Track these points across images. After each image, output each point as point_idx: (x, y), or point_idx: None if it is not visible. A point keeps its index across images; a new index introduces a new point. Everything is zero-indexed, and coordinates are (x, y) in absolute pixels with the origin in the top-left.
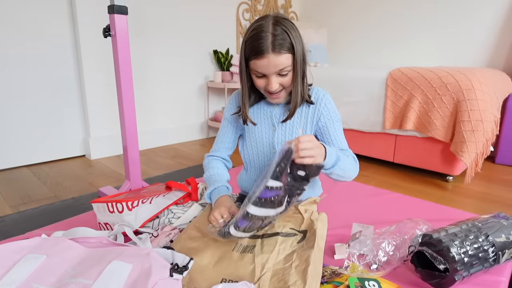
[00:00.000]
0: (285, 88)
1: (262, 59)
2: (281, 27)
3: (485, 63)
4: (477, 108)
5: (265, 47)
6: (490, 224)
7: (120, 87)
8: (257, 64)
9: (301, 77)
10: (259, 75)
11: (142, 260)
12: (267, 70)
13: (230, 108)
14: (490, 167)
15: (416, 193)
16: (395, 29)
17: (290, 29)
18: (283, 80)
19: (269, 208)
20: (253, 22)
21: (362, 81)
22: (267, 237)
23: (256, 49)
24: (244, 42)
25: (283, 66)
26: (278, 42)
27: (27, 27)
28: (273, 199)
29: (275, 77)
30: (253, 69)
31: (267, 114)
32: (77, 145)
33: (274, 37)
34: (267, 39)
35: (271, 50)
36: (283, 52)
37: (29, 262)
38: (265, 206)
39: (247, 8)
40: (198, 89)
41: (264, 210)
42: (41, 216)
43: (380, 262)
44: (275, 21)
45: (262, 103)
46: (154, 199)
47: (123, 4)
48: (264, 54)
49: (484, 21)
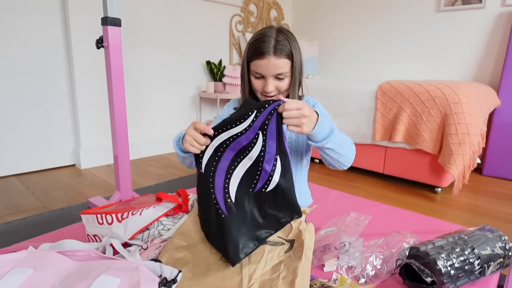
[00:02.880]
0: (280, 92)
1: (263, 59)
2: (284, 35)
3: (471, 77)
4: (464, 121)
5: (267, 49)
6: (476, 237)
7: (112, 97)
8: (257, 64)
9: (297, 85)
10: (257, 75)
11: (131, 274)
12: (266, 71)
13: (227, 110)
14: (477, 179)
15: (405, 204)
16: (385, 42)
17: (291, 39)
18: (280, 84)
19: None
20: (258, 31)
21: (353, 93)
22: None
23: (258, 50)
24: (248, 45)
25: (282, 70)
26: (280, 47)
27: (19, 36)
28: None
29: (272, 79)
30: (253, 69)
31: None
32: (67, 154)
33: (277, 41)
34: (269, 42)
35: (272, 52)
36: (282, 57)
37: (15, 276)
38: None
39: (240, 20)
40: (191, 99)
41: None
42: (29, 227)
43: (368, 276)
44: (279, 30)
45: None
46: (144, 210)
47: (117, 16)
48: (265, 54)
49: (470, 37)
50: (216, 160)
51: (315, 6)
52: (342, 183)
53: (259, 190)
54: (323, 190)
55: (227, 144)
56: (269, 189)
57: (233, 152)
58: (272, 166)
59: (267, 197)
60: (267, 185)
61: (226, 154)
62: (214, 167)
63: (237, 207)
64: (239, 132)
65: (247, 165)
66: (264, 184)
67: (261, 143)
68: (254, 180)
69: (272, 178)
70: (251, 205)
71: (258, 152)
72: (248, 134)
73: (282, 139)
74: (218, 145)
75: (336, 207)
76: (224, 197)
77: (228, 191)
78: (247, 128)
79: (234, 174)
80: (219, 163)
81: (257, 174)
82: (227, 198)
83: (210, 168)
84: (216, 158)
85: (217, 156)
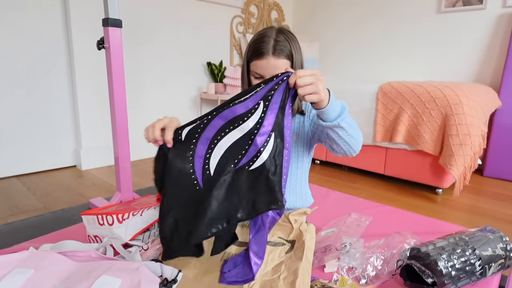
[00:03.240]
0: None
1: (262, 59)
2: (284, 36)
3: (472, 78)
4: (465, 122)
5: (266, 49)
6: (477, 238)
7: (113, 98)
8: (256, 64)
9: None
10: (257, 76)
11: (132, 275)
12: (265, 71)
13: None
14: (478, 180)
15: (406, 205)
16: (386, 43)
17: (291, 39)
18: None
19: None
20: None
21: (353, 94)
22: None
23: (257, 50)
24: (248, 46)
25: (281, 70)
26: (279, 47)
27: (21, 38)
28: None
29: None
30: (253, 70)
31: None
32: (68, 156)
33: (276, 42)
34: (269, 43)
35: (272, 53)
36: (282, 57)
37: (16, 277)
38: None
39: (240, 21)
40: (192, 101)
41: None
42: (30, 228)
43: (369, 276)
44: (279, 30)
45: None
46: (145, 211)
47: (118, 17)
48: (264, 55)
49: (471, 38)
50: (202, 128)
51: (316, 8)
52: (343, 184)
53: (242, 167)
54: (324, 191)
55: (218, 111)
56: (253, 167)
57: (223, 122)
58: (264, 141)
59: (249, 177)
60: (252, 162)
61: (214, 121)
62: (198, 135)
63: (214, 181)
64: (237, 101)
65: (235, 137)
66: (250, 161)
67: (259, 114)
68: (239, 154)
69: (260, 154)
70: (229, 183)
71: (253, 124)
72: (247, 103)
73: (283, 115)
74: (207, 113)
75: (337, 208)
76: (203, 169)
77: (208, 162)
78: (247, 97)
79: (218, 145)
80: (204, 131)
81: (245, 149)
82: (205, 170)
83: (194, 135)
84: (201, 126)
85: (203, 123)
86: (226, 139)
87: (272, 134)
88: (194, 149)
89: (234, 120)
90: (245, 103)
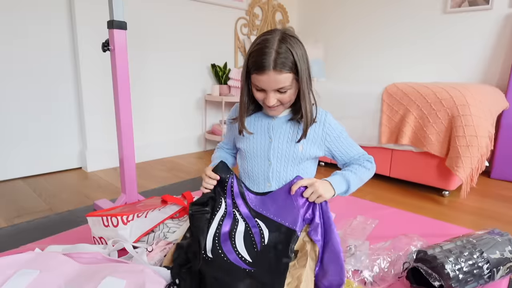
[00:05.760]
0: (283, 104)
1: (263, 75)
2: (286, 45)
3: (479, 79)
4: (472, 123)
5: (267, 64)
6: (485, 241)
7: (118, 100)
8: (257, 78)
9: (308, 95)
10: (258, 88)
11: (136, 276)
12: (266, 86)
13: (231, 115)
14: (485, 182)
15: (412, 207)
16: (391, 44)
17: (295, 47)
18: (282, 96)
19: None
20: (261, 34)
21: (359, 95)
22: None
23: (258, 64)
24: (248, 54)
25: (283, 85)
26: (281, 61)
27: (26, 39)
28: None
29: (273, 93)
30: (254, 82)
31: (264, 125)
32: (74, 157)
33: (277, 54)
34: (269, 56)
35: (272, 68)
36: (284, 72)
37: (22, 278)
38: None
39: (245, 23)
40: (196, 102)
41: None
42: (36, 230)
43: (375, 278)
44: (281, 37)
45: (260, 114)
46: (149, 213)
47: (123, 19)
48: (265, 70)
49: (477, 38)
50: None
51: (320, 9)
52: None
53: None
54: None
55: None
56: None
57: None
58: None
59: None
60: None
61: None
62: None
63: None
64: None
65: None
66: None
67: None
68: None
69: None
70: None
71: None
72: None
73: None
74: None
75: (342, 210)
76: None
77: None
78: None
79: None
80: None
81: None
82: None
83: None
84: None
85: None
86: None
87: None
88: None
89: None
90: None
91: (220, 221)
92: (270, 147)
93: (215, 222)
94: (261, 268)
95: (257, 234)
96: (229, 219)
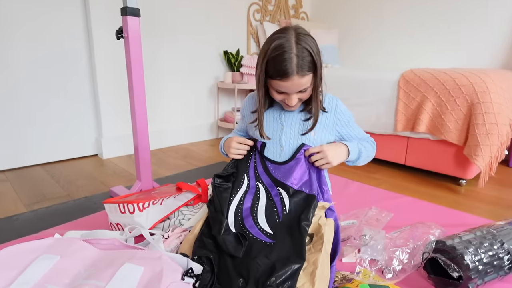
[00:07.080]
0: (302, 100)
1: (287, 81)
2: (304, 46)
3: (500, 65)
4: (492, 111)
5: (291, 70)
6: (506, 231)
7: (132, 88)
8: (280, 84)
9: (319, 90)
10: (280, 91)
11: (154, 263)
12: (290, 90)
13: (246, 107)
14: (504, 171)
15: (428, 196)
16: (408, 29)
17: (312, 46)
18: (302, 95)
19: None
20: (273, 35)
21: (374, 82)
22: None
23: (281, 72)
24: (265, 60)
25: (305, 86)
26: (302, 63)
27: (41, 27)
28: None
29: (295, 94)
30: (274, 87)
31: (276, 114)
32: (90, 145)
33: (298, 58)
34: (291, 62)
35: (296, 73)
36: (306, 74)
37: (43, 263)
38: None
39: (257, 9)
40: (209, 90)
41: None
42: (54, 215)
43: (395, 271)
44: (297, 38)
45: (274, 107)
46: (164, 200)
47: (136, 6)
48: (289, 76)
49: (498, 22)
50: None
51: None
52: (362, 174)
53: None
54: (343, 181)
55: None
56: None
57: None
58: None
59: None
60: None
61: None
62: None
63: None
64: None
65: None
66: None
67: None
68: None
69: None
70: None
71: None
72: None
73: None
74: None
75: (356, 199)
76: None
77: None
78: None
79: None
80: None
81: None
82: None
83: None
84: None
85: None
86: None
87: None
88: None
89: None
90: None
91: (242, 197)
92: (282, 133)
93: (237, 199)
94: (281, 238)
95: (278, 203)
96: (250, 194)
